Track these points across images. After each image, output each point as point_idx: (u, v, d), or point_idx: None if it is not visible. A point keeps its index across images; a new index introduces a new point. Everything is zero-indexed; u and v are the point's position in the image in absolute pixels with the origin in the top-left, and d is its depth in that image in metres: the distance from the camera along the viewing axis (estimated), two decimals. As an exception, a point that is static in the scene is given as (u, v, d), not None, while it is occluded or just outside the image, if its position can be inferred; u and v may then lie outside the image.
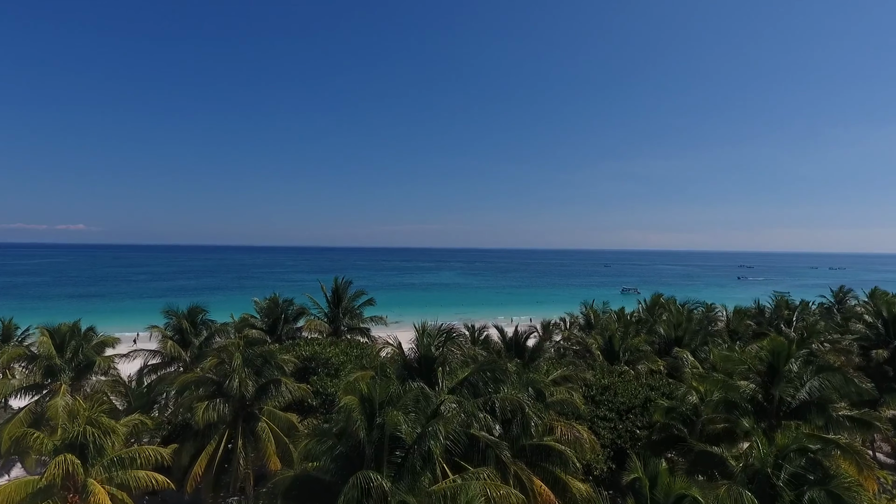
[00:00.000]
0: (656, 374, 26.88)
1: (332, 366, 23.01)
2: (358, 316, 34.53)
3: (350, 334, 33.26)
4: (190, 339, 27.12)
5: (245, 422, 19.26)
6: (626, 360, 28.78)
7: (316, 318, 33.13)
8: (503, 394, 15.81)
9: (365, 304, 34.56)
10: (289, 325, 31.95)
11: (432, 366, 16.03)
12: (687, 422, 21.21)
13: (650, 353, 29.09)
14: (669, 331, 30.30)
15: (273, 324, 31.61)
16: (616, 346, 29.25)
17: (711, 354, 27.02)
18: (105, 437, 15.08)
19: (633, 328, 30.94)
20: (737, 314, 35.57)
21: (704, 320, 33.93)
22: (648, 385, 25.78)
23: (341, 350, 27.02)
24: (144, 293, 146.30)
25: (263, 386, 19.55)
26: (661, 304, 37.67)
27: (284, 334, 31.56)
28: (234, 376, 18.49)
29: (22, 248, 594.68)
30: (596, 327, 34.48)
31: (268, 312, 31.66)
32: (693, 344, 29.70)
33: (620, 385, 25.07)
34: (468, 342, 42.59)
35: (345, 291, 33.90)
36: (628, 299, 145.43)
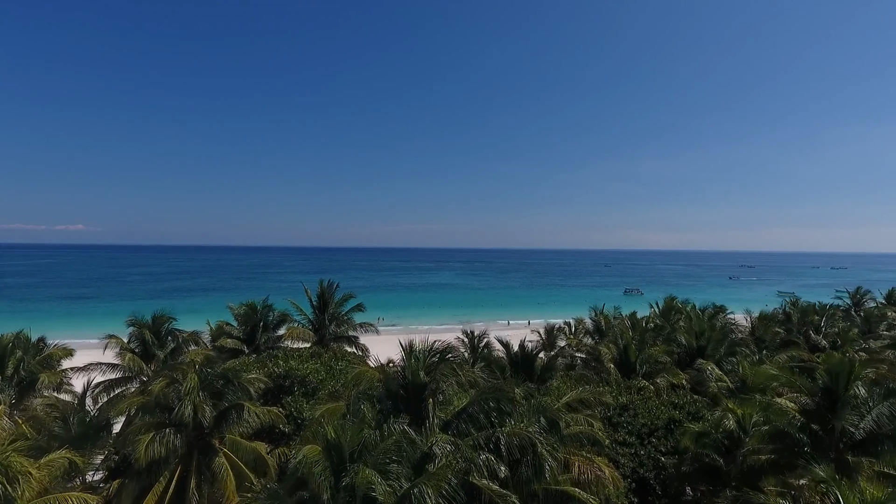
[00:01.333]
0: (679, 390, 23.85)
1: (309, 384, 19.95)
2: (347, 322, 31.47)
3: (337, 343, 30.21)
4: (154, 351, 24.05)
5: (202, 454, 16.19)
6: (644, 372, 25.75)
7: (299, 326, 30.06)
8: (509, 427, 12.76)
9: (354, 310, 31.47)
10: (268, 334, 28.85)
11: (422, 395, 12.98)
12: (722, 449, 18.21)
13: (670, 364, 26.04)
14: (691, 340, 27.23)
15: (251, 332, 28.53)
16: (632, 357, 26.21)
17: (741, 367, 24.02)
18: (12, 484, 12.02)
19: (649, 336, 27.86)
20: (762, 320, 32.45)
21: (726, 327, 30.83)
22: (671, 403, 22.76)
23: (324, 363, 23.98)
24: (137, 294, 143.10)
25: (224, 412, 16.48)
26: (678, 308, 34.52)
27: (263, 344, 28.48)
28: (186, 402, 15.42)
29: (20, 249, 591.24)
30: (608, 335, 31.41)
31: (245, 319, 28.57)
32: (717, 354, 26.66)
33: (640, 403, 22.04)
34: (468, 349, 39.73)
35: (331, 296, 30.82)
36: (632, 301, 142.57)
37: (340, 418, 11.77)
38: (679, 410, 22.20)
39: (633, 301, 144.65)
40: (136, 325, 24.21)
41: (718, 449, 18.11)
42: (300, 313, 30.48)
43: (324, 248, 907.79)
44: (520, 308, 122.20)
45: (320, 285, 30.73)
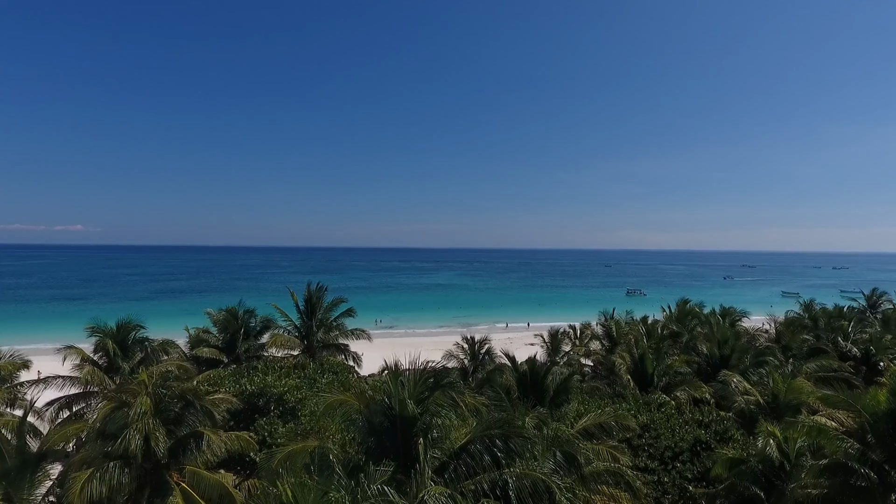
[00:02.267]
0: (703, 406, 21.42)
1: (287, 403, 17.51)
2: (337, 328, 29.00)
3: (326, 351, 27.77)
4: (118, 363, 21.58)
5: (155, 492, 13.75)
6: (663, 385, 23.33)
7: (284, 333, 27.59)
8: (519, 468, 10.32)
9: (344, 315, 28.99)
10: (250, 342, 26.37)
11: (411, 432, 10.54)
12: (762, 480, 15.78)
13: (691, 376, 23.60)
14: (713, 348, 24.80)
15: (231, 340, 26.07)
16: (649, 368, 23.79)
17: (771, 380, 21.59)
18: None
19: (666, 345, 25.42)
20: (789, 326, 29.96)
21: (750, 334, 28.36)
22: (696, 421, 20.34)
23: (308, 375, 21.54)
24: (130, 295, 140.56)
25: (182, 441, 14.05)
26: (694, 313, 32.01)
27: (244, 353, 26.01)
28: (133, 430, 12.96)
29: (18, 249, 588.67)
30: (620, 342, 28.99)
31: (224, 326, 26.10)
32: (742, 365, 24.23)
33: (662, 422, 19.61)
34: (468, 356, 37.29)
35: (319, 300, 28.36)
36: (635, 302, 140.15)
37: (304, 469, 9.36)
38: (705, 430, 19.79)
39: (637, 302, 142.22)
40: (99, 333, 21.70)
41: (757, 480, 15.68)
42: (286, 319, 28.02)
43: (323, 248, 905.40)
44: (520, 309, 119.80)
45: (307, 289, 28.27)
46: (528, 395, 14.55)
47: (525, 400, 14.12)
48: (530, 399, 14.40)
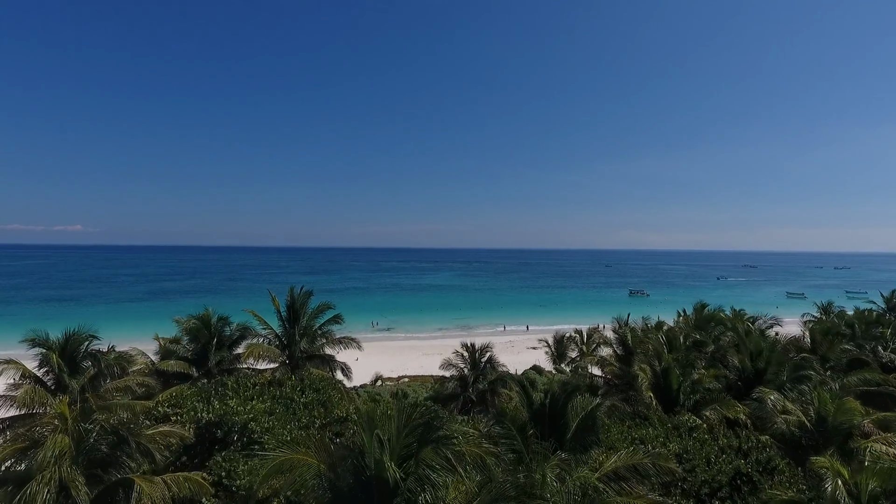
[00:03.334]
0: (742, 430, 18.57)
1: (252, 433, 14.62)
2: (324, 336, 26.12)
3: (310, 363, 24.91)
4: (65, 380, 18.71)
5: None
6: (692, 404, 20.49)
7: (263, 343, 24.71)
8: (541, 546, 7.49)
9: (331, 322, 26.10)
10: (223, 353, 23.48)
11: (391, 502, 7.71)
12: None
13: (721, 393, 20.73)
14: (745, 360, 21.94)
15: (202, 351, 23.20)
16: (674, 384, 20.95)
17: (816, 398, 18.76)
18: None
19: (692, 356, 22.55)
20: (826, 335, 27.04)
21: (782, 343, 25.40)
22: (733, 448, 17.50)
23: (283, 395, 18.68)
24: (123, 297, 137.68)
25: (109, 490, 11.20)
26: (719, 319, 28.99)
27: (217, 366, 23.15)
28: (41, 480, 10.11)
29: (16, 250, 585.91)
30: (636, 351, 26.16)
31: (194, 335, 23.23)
32: (779, 379, 21.38)
33: (696, 450, 16.76)
34: (468, 365, 34.46)
35: (303, 305, 25.47)
36: (638, 303, 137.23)
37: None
38: (745, 459, 16.95)
39: (641, 303, 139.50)
40: (41, 345, 18.83)
41: (822, 529, 12.85)
42: (265, 327, 25.13)
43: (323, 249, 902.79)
44: (520, 310, 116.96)
45: (290, 293, 25.38)
46: (547, 434, 11.77)
47: (541, 439, 11.33)
48: (548, 438, 11.59)
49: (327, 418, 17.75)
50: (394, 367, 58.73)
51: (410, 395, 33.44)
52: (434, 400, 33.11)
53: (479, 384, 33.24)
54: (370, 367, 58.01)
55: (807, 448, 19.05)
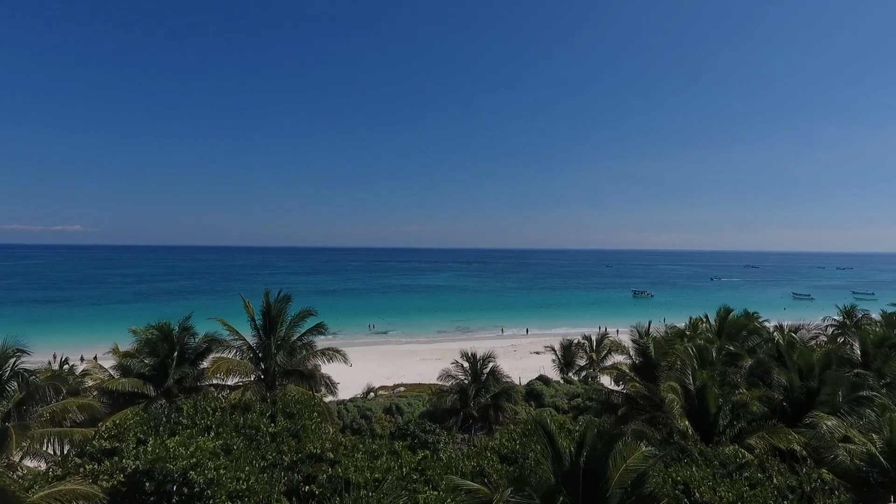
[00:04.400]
0: (802, 465, 15.39)
1: (193, 485, 11.37)
2: (305, 347, 22.94)
3: (288, 379, 21.74)
4: (-17, 405, 15.55)
5: None
6: (735, 432, 17.33)
7: (235, 355, 21.51)
8: None
9: (313, 332, 22.89)
10: (184, 369, 20.27)
11: None
12: None
13: (769, 419, 17.54)
14: (794, 378, 18.76)
15: (161, 367, 20.02)
16: (712, 406, 17.78)
17: (888, 426, 15.62)
18: None
19: (730, 373, 19.36)
20: (879, 345, 23.74)
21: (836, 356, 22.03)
22: (792, 489, 14.37)
23: (251, 422, 15.51)
24: (114, 298, 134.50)
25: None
26: (753, 328, 25.59)
27: (177, 384, 19.96)
28: None
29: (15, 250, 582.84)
30: (661, 364, 23.00)
31: (153, 348, 20.05)
32: (834, 401, 18.21)
33: (751, 498, 13.60)
34: (467, 376, 31.27)
35: (281, 312, 22.28)
36: (643, 304, 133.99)
37: None
38: (809, 505, 13.82)
39: (645, 304, 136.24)
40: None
41: None
42: (237, 338, 21.93)
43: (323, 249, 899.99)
44: (521, 312, 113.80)
45: (265, 298, 22.17)
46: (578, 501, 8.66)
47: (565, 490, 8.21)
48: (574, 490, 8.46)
49: (299, 454, 14.56)
50: (389, 373, 55.53)
51: (405, 410, 30.25)
52: (431, 416, 29.98)
53: (481, 398, 30.13)
54: (364, 374, 54.78)
55: (876, 486, 15.94)
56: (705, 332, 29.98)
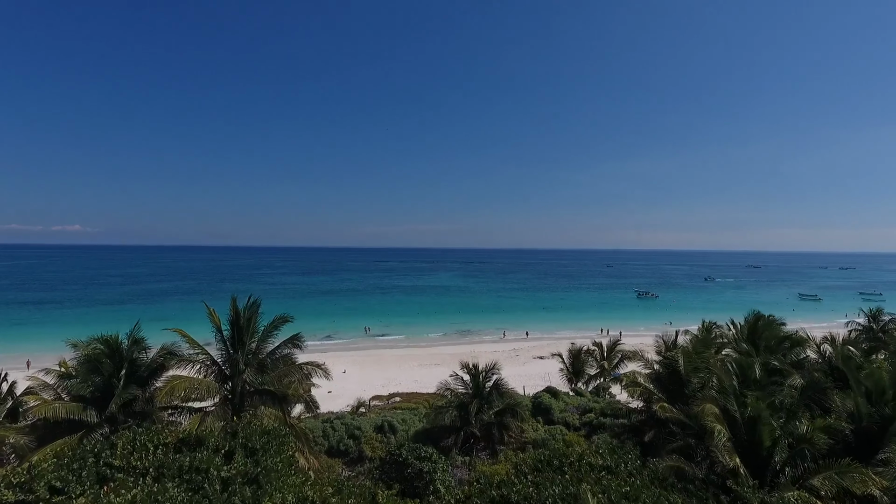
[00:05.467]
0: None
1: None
2: (282, 361, 19.68)
3: (259, 399, 18.51)
4: None
5: None
6: (798, 472, 14.17)
7: (197, 373, 18.28)
8: None
9: (287, 345, 19.66)
10: (132, 391, 17.01)
11: None
12: None
13: (834, 453, 14.38)
14: (861, 403, 15.59)
15: (105, 388, 16.82)
16: (766, 439, 14.65)
17: None
18: None
19: (786, 399, 16.16)
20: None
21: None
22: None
23: (202, 463, 12.34)
24: (105, 299, 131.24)
25: None
26: (798, 339, 22.12)
27: (122, 410, 16.73)
28: None
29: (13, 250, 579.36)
30: (692, 381, 19.85)
31: (94, 366, 16.84)
32: (912, 431, 15.03)
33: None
34: (468, 389, 28.12)
35: (251, 321, 19.05)
36: (647, 305, 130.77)
37: None
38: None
39: (650, 305, 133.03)
40: None
41: None
42: (200, 352, 18.71)
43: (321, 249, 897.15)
44: (522, 314, 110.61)
45: (232, 305, 18.92)
46: None
47: None
48: None
49: (255, 509, 11.36)
50: (385, 381, 52.38)
51: (399, 428, 27.06)
52: (428, 434, 26.80)
53: (484, 415, 26.97)
54: (358, 382, 51.58)
55: None
56: (735, 340, 26.78)
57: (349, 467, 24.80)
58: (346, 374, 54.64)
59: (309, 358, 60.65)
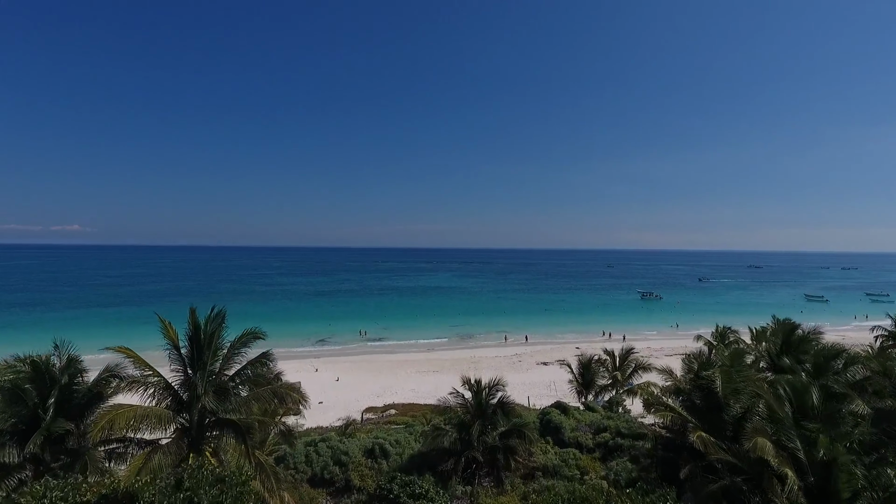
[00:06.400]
0: None
1: None
2: (249, 382, 16.66)
3: (221, 431, 15.52)
4: None
5: None
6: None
7: (149, 400, 15.29)
8: None
9: (255, 364, 16.62)
10: (61, 424, 14.01)
11: None
12: None
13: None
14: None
15: (29, 421, 13.83)
16: (844, 490, 11.71)
17: None
18: None
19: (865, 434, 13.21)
20: None
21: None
22: None
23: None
24: (95, 301, 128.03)
25: None
26: (855, 356, 19.05)
27: (55, 446, 13.75)
28: None
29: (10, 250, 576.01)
30: (730, 405, 16.90)
31: (14, 396, 13.84)
32: None
33: None
34: (470, 408, 25.15)
35: (213, 336, 16.05)
36: (652, 307, 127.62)
37: None
38: None
39: (655, 307, 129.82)
40: None
41: None
42: (151, 374, 15.71)
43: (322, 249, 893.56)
44: (523, 316, 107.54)
45: (190, 317, 15.89)
46: None
47: None
48: None
49: None
50: (380, 389, 49.31)
51: (391, 451, 24.06)
52: (425, 459, 23.84)
53: (487, 437, 24.04)
54: (351, 391, 48.53)
55: None
56: (768, 354, 23.79)
57: (334, 498, 21.82)
58: (338, 382, 51.62)
59: (300, 366, 57.43)
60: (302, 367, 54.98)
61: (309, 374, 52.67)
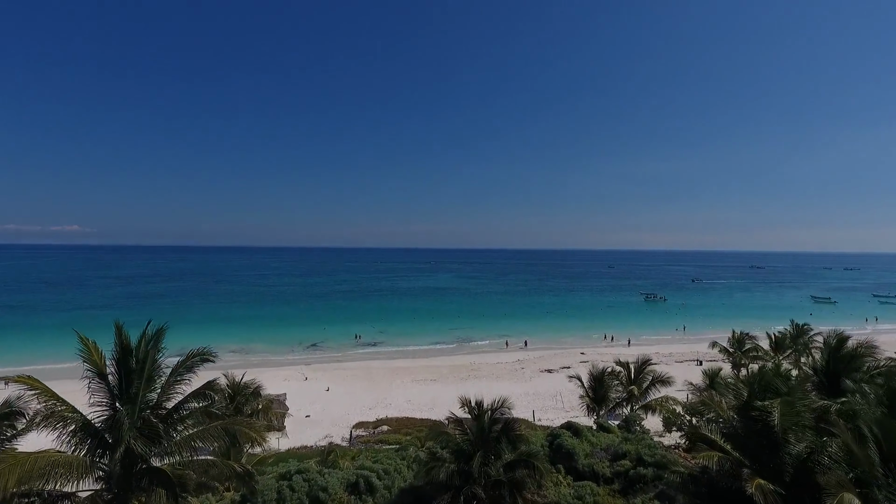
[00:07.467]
0: None
1: None
2: (190, 418, 13.34)
3: (156, 484, 12.24)
4: None
5: None
6: None
7: (61, 444, 12.05)
8: None
9: (199, 395, 13.27)
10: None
11: None
12: None
13: None
14: None
15: None
16: None
17: None
18: None
19: None
20: None
21: None
22: None
23: None
24: (87, 303, 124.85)
25: None
26: None
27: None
28: None
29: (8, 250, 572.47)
30: (790, 440, 13.70)
31: None
32: None
33: None
34: (470, 433, 21.82)
35: (147, 361, 12.78)
36: (657, 309, 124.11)
37: None
38: None
39: (658, 309, 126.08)
40: None
41: None
42: (67, 410, 12.43)
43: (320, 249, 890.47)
44: (524, 317, 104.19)
45: (118, 337, 12.63)
46: None
47: None
48: None
49: None
50: (373, 401, 45.83)
51: (378, 486, 20.75)
52: (418, 496, 20.58)
53: (490, 468, 20.81)
54: (342, 403, 44.94)
55: None
56: (817, 370, 20.54)
57: (310, 545, 18.48)
58: (329, 393, 48.20)
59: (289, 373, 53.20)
60: (291, 376, 51.62)
61: (298, 384, 49.34)
